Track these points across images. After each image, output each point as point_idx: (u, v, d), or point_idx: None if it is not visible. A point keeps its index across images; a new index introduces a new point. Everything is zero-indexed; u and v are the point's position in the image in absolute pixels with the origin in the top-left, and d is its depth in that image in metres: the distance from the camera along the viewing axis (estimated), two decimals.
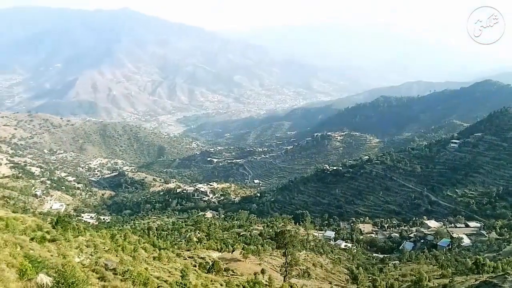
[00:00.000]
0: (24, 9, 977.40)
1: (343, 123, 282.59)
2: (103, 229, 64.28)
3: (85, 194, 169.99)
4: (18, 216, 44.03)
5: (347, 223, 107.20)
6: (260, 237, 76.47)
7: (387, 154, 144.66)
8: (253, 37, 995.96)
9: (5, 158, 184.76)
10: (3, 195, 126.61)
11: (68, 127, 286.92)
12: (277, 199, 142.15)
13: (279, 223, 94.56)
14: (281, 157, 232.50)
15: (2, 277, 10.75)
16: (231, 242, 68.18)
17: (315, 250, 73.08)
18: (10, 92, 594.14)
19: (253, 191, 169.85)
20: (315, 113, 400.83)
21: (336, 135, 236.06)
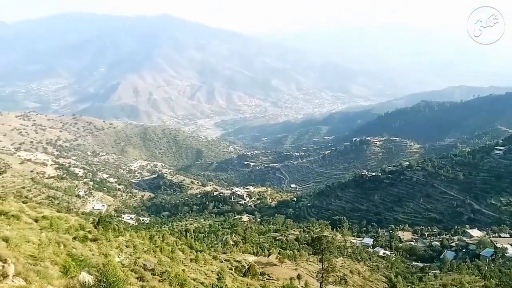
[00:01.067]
0: (73, 15, 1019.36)
1: (383, 128, 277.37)
2: (142, 230, 65.60)
3: (126, 196, 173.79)
4: (62, 216, 45.52)
5: (386, 230, 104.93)
6: (297, 242, 75.98)
7: (428, 161, 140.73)
8: (290, 40, 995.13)
9: (51, 160, 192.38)
10: (48, 195, 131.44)
11: (110, 130, 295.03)
12: (314, 204, 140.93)
13: (316, 228, 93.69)
14: (318, 162, 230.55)
15: (46, 274, 11.08)
16: (267, 246, 68.09)
17: (353, 257, 71.89)
18: (57, 96, 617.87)
19: (289, 196, 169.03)
20: (354, 117, 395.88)
21: (375, 140, 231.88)
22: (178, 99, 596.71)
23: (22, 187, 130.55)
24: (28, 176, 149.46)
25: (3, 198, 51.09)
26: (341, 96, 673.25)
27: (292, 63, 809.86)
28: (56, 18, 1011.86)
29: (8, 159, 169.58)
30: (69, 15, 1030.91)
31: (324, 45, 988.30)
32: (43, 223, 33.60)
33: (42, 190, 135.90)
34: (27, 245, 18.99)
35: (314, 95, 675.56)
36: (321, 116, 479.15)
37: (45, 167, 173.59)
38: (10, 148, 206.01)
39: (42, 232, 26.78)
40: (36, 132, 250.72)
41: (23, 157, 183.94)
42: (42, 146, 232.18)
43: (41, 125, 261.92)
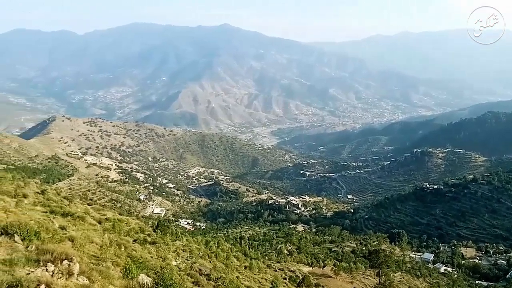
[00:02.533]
0: (138, 26, 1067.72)
1: (446, 140, 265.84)
2: (198, 235, 66.82)
3: (183, 201, 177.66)
4: (124, 218, 47.25)
5: (448, 246, 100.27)
6: (353, 255, 74.33)
7: (495, 174, 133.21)
8: (349, 49, 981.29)
9: (115, 164, 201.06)
10: (112, 198, 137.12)
11: (170, 136, 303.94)
12: (371, 216, 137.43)
13: (373, 241, 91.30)
14: (377, 173, 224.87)
15: (108, 274, 11.46)
16: (322, 257, 67.08)
17: (412, 273, 69.19)
18: (121, 103, 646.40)
19: (346, 207, 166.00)
20: (415, 128, 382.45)
21: (438, 151, 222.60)
22: (236, 108, 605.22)
23: (87, 190, 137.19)
24: (93, 180, 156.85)
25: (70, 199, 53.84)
26: (401, 105, 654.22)
27: (351, 71, 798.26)
28: (123, 29, 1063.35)
29: (76, 163, 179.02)
30: (135, 26, 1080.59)
31: (385, 53, 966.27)
32: (106, 225, 35.07)
33: (106, 193, 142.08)
34: (91, 245, 19.84)
35: (373, 104, 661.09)
36: (381, 126, 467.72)
37: (109, 171, 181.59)
38: (78, 153, 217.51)
39: (105, 234, 27.91)
40: (102, 137, 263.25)
41: (89, 161, 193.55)
42: (107, 151, 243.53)
43: (107, 131, 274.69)
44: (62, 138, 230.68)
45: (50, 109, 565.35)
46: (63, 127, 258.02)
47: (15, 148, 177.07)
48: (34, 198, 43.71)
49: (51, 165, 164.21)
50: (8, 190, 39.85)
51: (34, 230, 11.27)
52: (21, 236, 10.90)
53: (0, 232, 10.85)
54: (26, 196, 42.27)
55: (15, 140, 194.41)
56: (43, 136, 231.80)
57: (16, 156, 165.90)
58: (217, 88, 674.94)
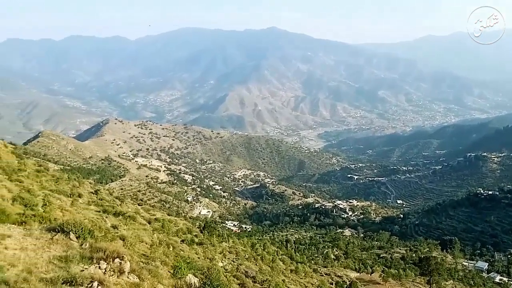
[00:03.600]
0: (188, 31, 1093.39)
1: (502, 144, 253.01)
2: (244, 237, 67.14)
3: (230, 203, 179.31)
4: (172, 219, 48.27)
5: (503, 254, 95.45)
6: (402, 261, 72.26)
7: None
8: (400, 50, 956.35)
9: (164, 166, 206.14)
10: (161, 198, 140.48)
11: (217, 139, 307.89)
12: (422, 222, 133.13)
13: (424, 248, 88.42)
14: (428, 178, 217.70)
15: (157, 273, 11.74)
16: (370, 263, 65.72)
17: (464, 281, 66.36)
18: (171, 107, 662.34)
19: (395, 212, 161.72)
20: (469, 131, 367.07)
21: (493, 156, 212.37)
22: (282, 110, 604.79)
23: (138, 190, 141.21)
24: (143, 181, 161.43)
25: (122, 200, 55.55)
26: (454, 108, 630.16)
27: (402, 73, 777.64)
28: (174, 34, 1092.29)
29: (127, 164, 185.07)
30: (184, 31, 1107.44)
31: (437, 54, 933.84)
32: (155, 225, 35.98)
33: (155, 194, 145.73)
34: (141, 244, 20.40)
35: (425, 106, 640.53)
36: (432, 129, 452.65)
37: (158, 173, 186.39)
38: (129, 154, 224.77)
39: (154, 233, 28.61)
40: (152, 140, 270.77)
41: (140, 162, 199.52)
42: (157, 153, 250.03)
43: (156, 134, 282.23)
44: (114, 140, 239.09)
45: (103, 112, 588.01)
46: (116, 129, 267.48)
47: (71, 150, 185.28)
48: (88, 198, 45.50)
49: (104, 166, 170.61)
50: (64, 190, 41.69)
51: (88, 229, 11.73)
52: (76, 234, 11.37)
53: (57, 230, 11.36)
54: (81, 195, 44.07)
55: (71, 142, 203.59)
56: (97, 138, 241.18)
57: (72, 157, 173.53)
58: (263, 91, 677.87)
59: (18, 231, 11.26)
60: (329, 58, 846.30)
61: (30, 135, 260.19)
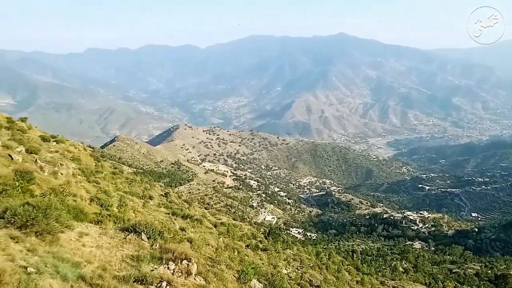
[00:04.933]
0: (256, 38, 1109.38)
1: None
2: (309, 245, 66.55)
3: (294, 210, 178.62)
4: (237, 224, 48.91)
5: None
6: (476, 278, 68.12)
7: None
8: (476, 55, 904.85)
9: (230, 171, 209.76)
10: (226, 203, 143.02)
11: (283, 145, 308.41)
12: (499, 237, 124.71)
13: (501, 264, 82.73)
14: (506, 190, 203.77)
15: (223, 276, 11.94)
16: (441, 278, 62.61)
17: None
18: (238, 113, 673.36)
19: (469, 225, 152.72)
20: None
21: None
22: (350, 117, 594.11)
23: (205, 194, 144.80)
24: (210, 185, 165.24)
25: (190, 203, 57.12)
26: None
27: (478, 80, 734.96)
28: (242, 42, 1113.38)
29: (195, 168, 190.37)
30: (252, 38, 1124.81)
31: None
32: (221, 229, 36.65)
33: (222, 198, 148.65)
34: (207, 247, 20.86)
35: (503, 115, 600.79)
36: (511, 138, 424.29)
37: (225, 178, 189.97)
38: (197, 159, 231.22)
39: (220, 237, 29.15)
40: (219, 145, 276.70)
41: (207, 167, 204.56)
42: (223, 158, 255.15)
43: (223, 139, 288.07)
44: (184, 145, 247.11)
45: (174, 118, 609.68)
46: (185, 135, 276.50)
47: (144, 154, 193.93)
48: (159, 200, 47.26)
49: (174, 170, 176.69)
50: (137, 192, 43.62)
51: (158, 230, 12.20)
52: (147, 235, 11.87)
53: (129, 230, 11.93)
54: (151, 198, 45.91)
55: (144, 146, 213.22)
56: (168, 143, 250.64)
57: (144, 161, 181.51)
58: (331, 97, 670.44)
59: (95, 230, 11.95)
60: (400, 64, 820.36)
61: (107, 139, 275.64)
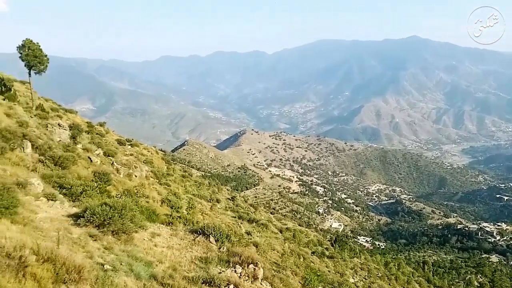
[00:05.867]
0: (324, 43, 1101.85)
1: None
2: (377, 254, 64.82)
3: (362, 218, 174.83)
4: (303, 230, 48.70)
5: None
6: None
7: None
8: None
9: (296, 176, 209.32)
10: (292, 208, 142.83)
11: (350, 151, 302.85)
12: None
13: None
14: None
15: (288, 282, 11.94)
16: None
17: None
18: (304, 118, 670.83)
19: None
20: None
21: None
22: (422, 123, 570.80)
23: (270, 199, 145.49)
24: (276, 190, 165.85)
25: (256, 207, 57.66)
26: None
27: None
28: (310, 47, 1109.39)
29: (261, 173, 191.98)
30: (321, 43, 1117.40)
31: None
32: (286, 234, 36.66)
33: (287, 203, 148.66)
34: (272, 252, 20.95)
35: None
36: None
37: (290, 183, 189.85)
38: (264, 164, 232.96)
39: (285, 243, 29.17)
40: (285, 150, 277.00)
41: (273, 172, 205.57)
42: (289, 163, 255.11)
43: (290, 145, 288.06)
44: (250, 150, 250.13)
45: (241, 123, 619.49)
46: (252, 139, 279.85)
47: (212, 158, 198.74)
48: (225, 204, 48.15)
49: (240, 174, 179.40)
50: (205, 194, 44.74)
51: (226, 233, 12.44)
52: (215, 238, 12.14)
53: (198, 232, 12.28)
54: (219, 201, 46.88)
55: (212, 150, 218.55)
56: (235, 148, 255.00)
57: (212, 165, 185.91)
58: (402, 102, 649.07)
59: (166, 231, 12.42)
60: (477, 68, 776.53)
61: (177, 143, 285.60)
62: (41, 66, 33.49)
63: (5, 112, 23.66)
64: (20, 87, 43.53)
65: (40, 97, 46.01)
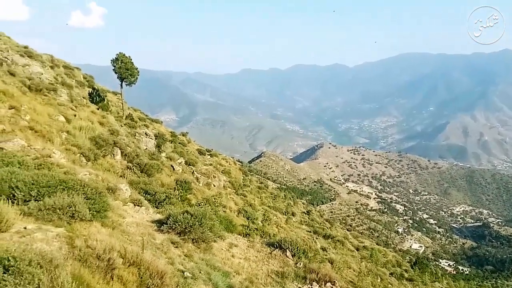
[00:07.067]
0: (408, 56, 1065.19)
1: None
2: (460, 280, 60.90)
3: (445, 240, 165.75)
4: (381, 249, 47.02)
5: None
6: None
7: None
8: None
9: (374, 193, 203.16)
10: (369, 226, 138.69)
11: (434, 169, 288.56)
12: None
13: None
14: None
15: None
16: None
17: None
18: (385, 133, 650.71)
19: None
20: None
21: None
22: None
23: (347, 215, 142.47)
24: (353, 206, 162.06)
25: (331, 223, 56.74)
26: None
27: None
28: (393, 60, 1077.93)
29: (338, 188, 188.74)
30: (405, 56, 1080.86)
31: None
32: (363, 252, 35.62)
33: (364, 221, 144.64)
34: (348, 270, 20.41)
35: None
36: None
37: (368, 200, 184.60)
38: (340, 178, 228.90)
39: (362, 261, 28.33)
40: (364, 166, 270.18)
41: (350, 187, 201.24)
42: (368, 179, 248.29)
43: (369, 160, 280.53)
44: (327, 164, 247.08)
45: (319, 136, 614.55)
46: (329, 153, 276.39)
47: (288, 170, 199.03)
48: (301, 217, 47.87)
49: (316, 188, 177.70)
50: (280, 207, 44.82)
51: (303, 249, 12.32)
52: (292, 252, 12.07)
53: (275, 246, 12.29)
54: (294, 214, 46.72)
55: (288, 163, 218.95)
56: (311, 161, 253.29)
57: (288, 177, 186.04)
58: (492, 119, 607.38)
59: (243, 242, 12.57)
60: None
61: (254, 155, 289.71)
62: (132, 78, 35.76)
63: (99, 120, 25.46)
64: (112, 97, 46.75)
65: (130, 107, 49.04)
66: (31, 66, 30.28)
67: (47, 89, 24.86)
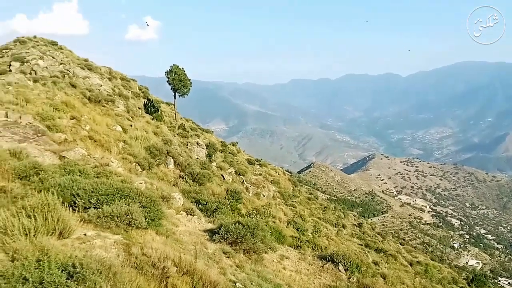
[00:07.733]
0: (464, 65, 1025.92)
1: None
2: None
3: (504, 257, 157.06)
4: (436, 265, 45.24)
5: None
6: None
7: None
8: None
9: (429, 206, 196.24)
10: (423, 240, 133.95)
11: (493, 183, 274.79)
12: None
13: None
14: None
15: None
16: None
17: None
18: (440, 144, 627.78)
19: None
20: None
21: None
22: None
23: (400, 228, 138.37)
24: (406, 219, 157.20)
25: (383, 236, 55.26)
26: None
27: None
28: (448, 69, 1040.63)
29: (390, 200, 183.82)
30: (461, 65, 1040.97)
31: None
32: (417, 268, 34.38)
33: (418, 235, 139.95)
34: (401, 286, 19.74)
35: None
36: None
37: (422, 213, 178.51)
38: (393, 191, 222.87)
39: (416, 277, 27.35)
40: (417, 178, 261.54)
41: (403, 200, 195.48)
42: (422, 192, 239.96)
43: (423, 172, 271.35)
44: (379, 175, 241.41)
45: (370, 147, 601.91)
46: (381, 164, 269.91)
47: (338, 181, 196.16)
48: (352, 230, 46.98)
49: (368, 200, 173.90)
50: (330, 219, 44.19)
51: (356, 263, 12.03)
52: (345, 266, 11.82)
53: (327, 259, 12.07)
54: (344, 226, 45.91)
55: (338, 173, 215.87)
56: (362, 172, 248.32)
57: (338, 188, 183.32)
58: None
59: (294, 254, 12.45)
60: None
61: (304, 165, 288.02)
62: (185, 89, 36.72)
63: (153, 130, 26.25)
64: (165, 108, 48.13)
65: (182, 117, 50.28)
66: (90, 78, 31.79)
67: (105, 100, 25.96)
